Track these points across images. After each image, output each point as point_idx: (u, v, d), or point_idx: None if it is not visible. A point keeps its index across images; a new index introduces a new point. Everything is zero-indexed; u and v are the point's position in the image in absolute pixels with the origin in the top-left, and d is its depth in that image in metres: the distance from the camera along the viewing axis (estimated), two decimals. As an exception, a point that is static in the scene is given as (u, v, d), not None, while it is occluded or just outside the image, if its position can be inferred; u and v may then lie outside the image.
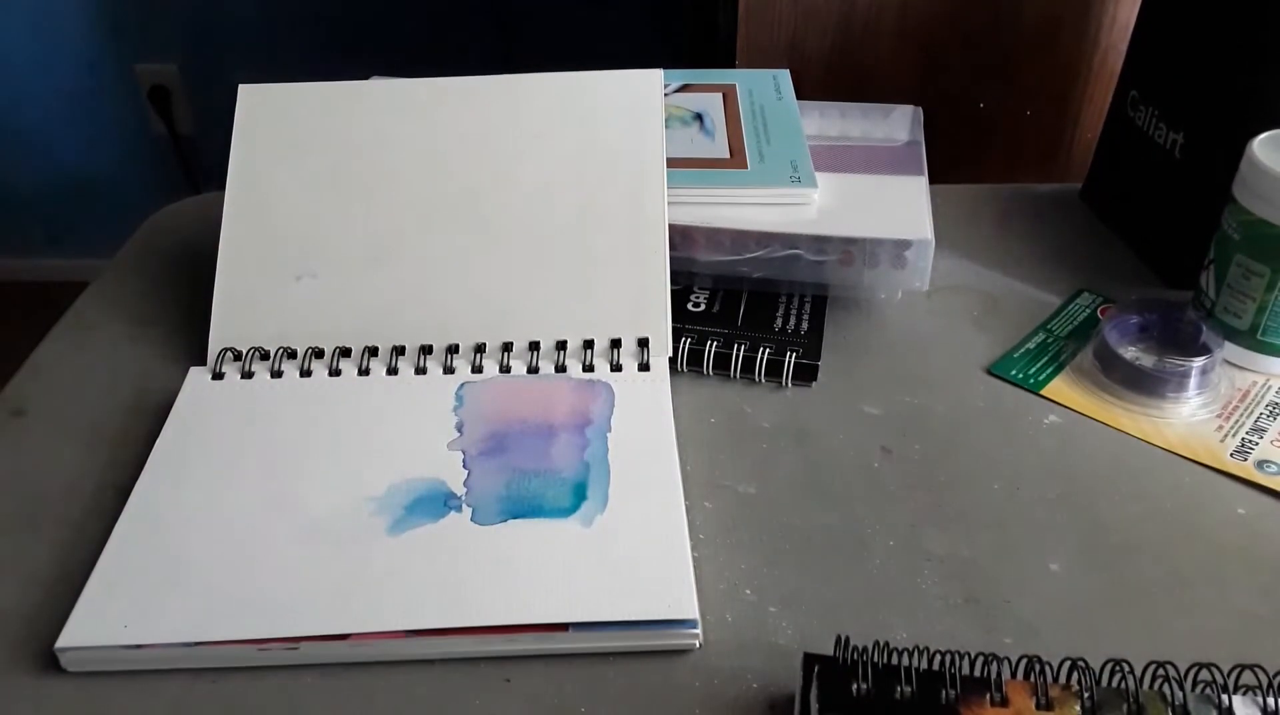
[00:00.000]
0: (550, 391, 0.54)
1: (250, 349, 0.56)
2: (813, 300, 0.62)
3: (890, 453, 0.53)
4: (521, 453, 0.50)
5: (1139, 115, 0.68)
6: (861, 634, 0.39)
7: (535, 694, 0.41)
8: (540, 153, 0.60)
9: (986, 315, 0.63)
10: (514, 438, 0.51)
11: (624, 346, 0.56)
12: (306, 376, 0.55)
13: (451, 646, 0.42)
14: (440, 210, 0.59)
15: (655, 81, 0.63)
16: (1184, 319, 0.59)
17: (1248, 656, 0.37)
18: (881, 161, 0.65)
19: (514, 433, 0.51)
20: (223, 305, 0.57)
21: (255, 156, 0.61)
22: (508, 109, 0.62)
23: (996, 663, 0.36)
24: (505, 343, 0.56)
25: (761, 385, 0.58)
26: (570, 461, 0.49)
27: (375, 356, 0.56)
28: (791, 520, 0.49)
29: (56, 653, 0.41)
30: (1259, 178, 0.54)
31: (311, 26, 1.69)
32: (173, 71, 1.75)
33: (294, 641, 0.42)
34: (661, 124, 0.61)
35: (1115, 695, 0.36)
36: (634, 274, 0.57)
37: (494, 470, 0.49)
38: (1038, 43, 0.93)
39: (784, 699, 0.41)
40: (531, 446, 0.50)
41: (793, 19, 0.90)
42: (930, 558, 0.47)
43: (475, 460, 0.50)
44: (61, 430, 0.54)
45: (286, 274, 0.58)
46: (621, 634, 0.42)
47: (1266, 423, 0.54)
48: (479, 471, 0.49)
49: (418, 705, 0.41)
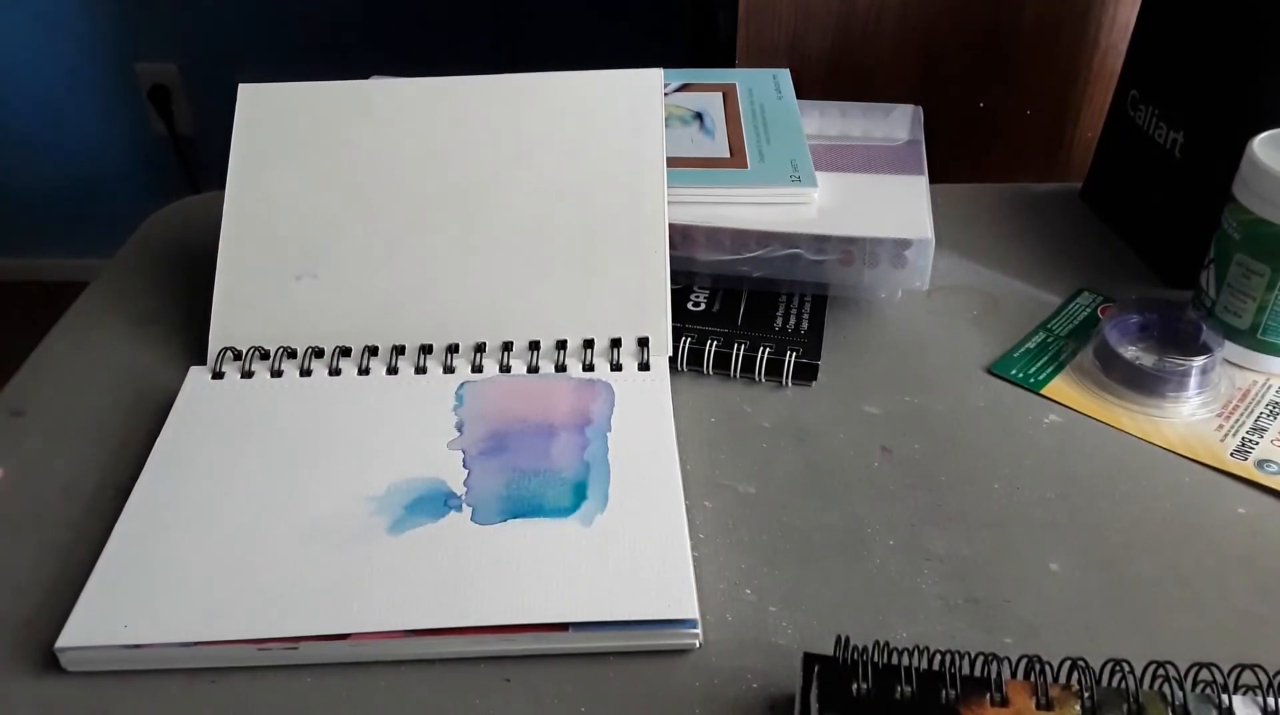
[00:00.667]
0: (550, 391, 0.54)
1: (250, 348, 0.56)
2: (813, 300, 0.62)
3: (890, 452, 0.53)
4: (521, 452, 0.50)
5: (1139, 115, 0.68)
6: (861, 634, 0.39)
7: (535, 694, 0.41)
8: (540, 152, 0.60)
9: (986, 315, 0.63)
10: (514, 437, 0.51)
11: (624, 346, 0.56)
12: (306, 376, 0.55)
13: (451, 646, 0.42)
14: (440, 209, 0.59)
15: (655, 81, 0.63)
16: (1184, 318, 0.59)
17: (1248, 656, 0.37)
18: (881, 161, 0.65)
19: (514, 432, 0.51)
20: (223, 304, 0.57)
21: (255, 156, 0.61)
22: (508, 109, 0.62)
23: (996, 662, 0.36)
24: (505, 342, 0.56)
25: (761, 385, 0.58)
26: (570, 461, 0.49)
27: (375, 356, 0.56)
28: (791, 520, 0.49)
29: (56, 653, 0.42)
30: (1259, 177, 0.54)
31: (312, 26, 1.69)
32: (173, 71, 1.75)
33: (294, 641, 0.42)
34: (662, 124, 0.61)
35: (1115, 695, 0.36)
36: (634, 273, 0.57)
37: (494, 470, 0.49)
38: (1038, 43, 0.93)
39: (784, 699, 0.41)
40: (531, 446, 0.50)
41: (793, 19, 0.90)
42: (930, 557, 0.47)
43: (475, 460, 0.50)
44: (62, 430, 0.54)
45: (286, 273, 0.58)
46: (622, 634, 0.42)
47: (1267, 422, 0.54)
48: (479, 471, 0.49)
49: (418, 705, 0.41)
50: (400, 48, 1.70)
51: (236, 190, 0.60)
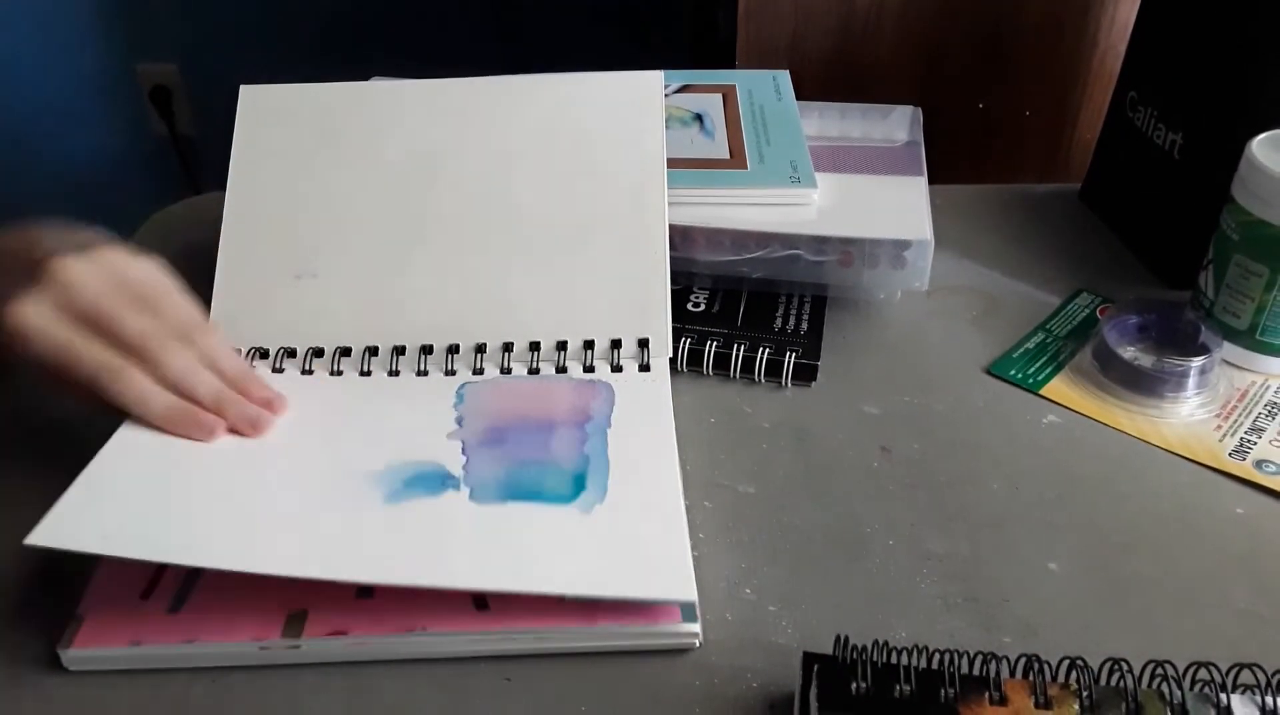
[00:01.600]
0: (550, 391, 0.54)
1: (250, 349, 0.56)
2: (812, 300, 0.62)
3: (890, 452, 0.53)
4: (520, 445, 0.50)
5: (1138, 116, 0.68)
6: (861, 633, 0.39)
7: (535, 693, 0.41)
8: (541, 154, 0.60)
9: (986, 315, 0.63)
10: (513, 431, 0.51)
11: (624, 347, 0.56)
12: (308, 375, 0.55)
13: (453, 645, 0.42)
14: (441, 210, 0.59)
15: (655, 83, 0.63)
16: (1183, 319, 0.59)
17: (1246, 655, 0.37)
18: (881, 162, 0.65)
19: (513, 427, 0.51)
20: (222, 304, 0.57)
21: (256, 157, 0.61)
22: (508, 110, 0.62)
23: (995, 662, 0.37)
24: (506, 343, 0.56)
25: (761, 385, 0.58)
26: (570, 454, 0.49)
27: (375, 356, 0.56)
28: (791, 520, 0.49)
29: (61, 653, 0.42)
30: (1258, 178, 0.54)
31: (312, 26, 1.69)
32: (173, 71, 1.75)
33: (294, 640, 0.42)
34: (662, 125, 0.61)
35: (1114, 694, 0.36)
36: (635, 275, 0.57)
37: (493, 458, 0.49)
38: (1038, 43, 0.93)
39: (784, 698, 0.41)
40: (531, 440, 0.50)
41: (793, 19, 0.90)
42: (930, 557, 0.47)
43: (474, 448, 0.49)
44: (62, 430, 0.54)
45: (286, 273, 0.58)
46: (621, 631, 0.42)
47: (1265, 422, 0.54)
48: (477, 458, 0.49)
49: (418, 705, 0.41)
50: (400, 48, 1.70)
51: (237, 190, 0.60)
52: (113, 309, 0.47)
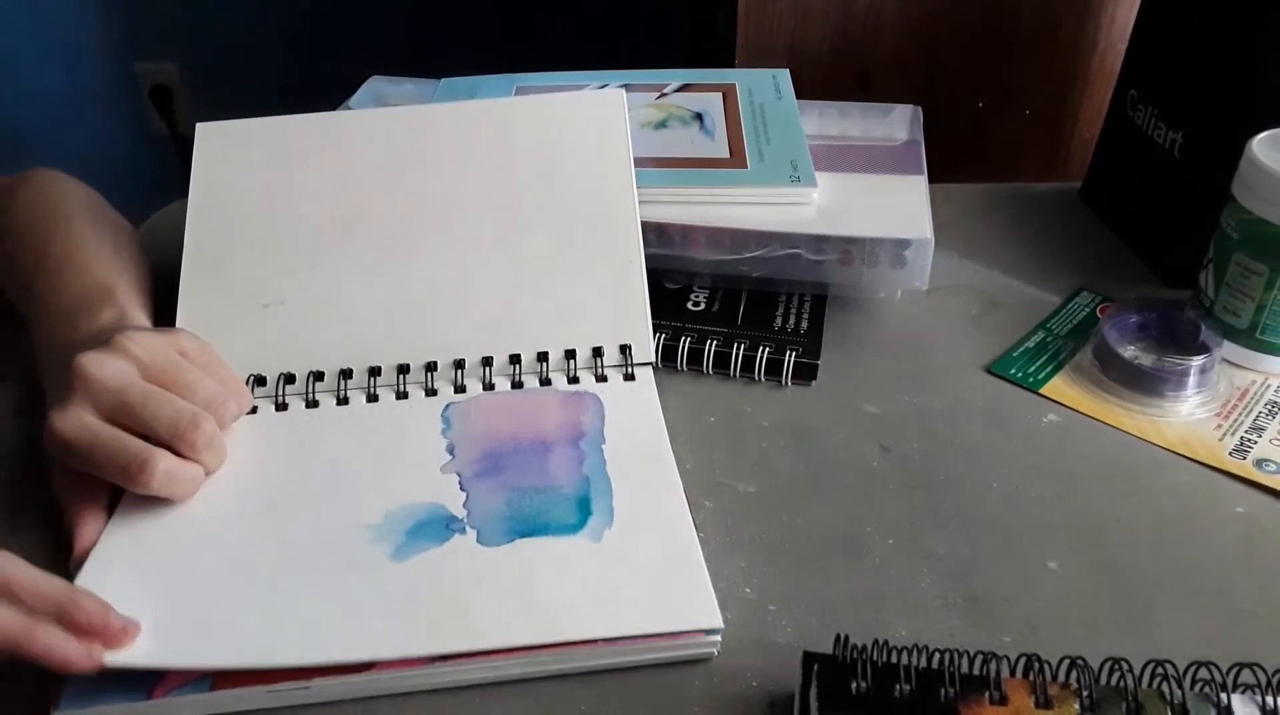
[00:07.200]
0: (538, 406, 0.53)
1: None
2: (812, 300, 0.62)
3: (890, 452, 0.53)
4: (518, 471, 0.49)
5: (1138, 115, 0.68)
6: (861, 632, 0.39)
7: (536, 693, 0.41)
8: (508, 173, 0.60)
9: (986, 314, 0.63)
10: (508, 456, 0.50)
11: (606, 355, 0.56)
12: (283, 411, 0.53)
13: (472, 673, 0.41)
14: (410, 232, 0.59)
15: (618, 101, 0.63)
16: (1183, 318, 0.59)
17: (1246, 655, 0.37)
18: (881, 161, 0.65)
19: (508, 451, 0.50)
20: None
21: (215, 194, 0.60)
22: (475, 133, 0.62)
23: (995, 661, 0.37)
24: (485, 357, 0.55)
25: (761, 384, 0.58)
26: (569, 476, 0.49)
27: (350, 379, 0.55)
28: (791, 519, 0.49)
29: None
30: (1258, 177, 0.54)
31: (312, 26, 1.69)
32: (173, 71, 1.75)
33: (306, 678, 0.40)
34: (628, 139, 0.61)
35: (1114, 693, 0.36)
36: (611, 283, 0.57)
37: (493, 490, 0.48)
38: (1037, 43, 0.93)
39: (784, 697, 0.41)
40: (528, 464, 0.49)
41: (792, 19, 0.90)
42: (929, 556, 0.47)
43: (472, 481, 0.49)
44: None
45: (254, 303, 0.57)
46: (644, 645, 0.42)
47: (1265, 421, 0.54)
48: (477, 492, 0.48)
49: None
50: (400, 47, 1.70)
51: (197, 227, 0.59)
52: (141, 398, 0.46)
